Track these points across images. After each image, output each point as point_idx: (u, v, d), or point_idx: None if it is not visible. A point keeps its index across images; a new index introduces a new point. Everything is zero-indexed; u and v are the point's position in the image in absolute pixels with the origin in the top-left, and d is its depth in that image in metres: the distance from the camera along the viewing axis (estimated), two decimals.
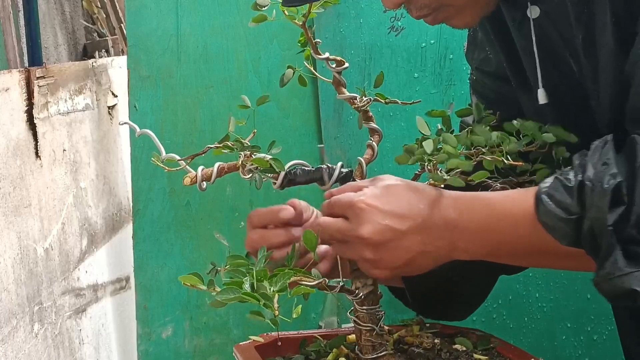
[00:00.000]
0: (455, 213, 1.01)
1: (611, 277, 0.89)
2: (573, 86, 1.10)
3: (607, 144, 0.93)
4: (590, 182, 0.90)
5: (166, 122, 2.27)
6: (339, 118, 2.11)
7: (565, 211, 0.92)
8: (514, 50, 1.17)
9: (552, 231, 0.94)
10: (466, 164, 1.05)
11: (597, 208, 0.89)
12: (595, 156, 0.93)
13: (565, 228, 0.92)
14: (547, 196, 0.94)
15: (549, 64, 1.11)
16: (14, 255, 2.20)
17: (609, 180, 0.89)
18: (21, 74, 2.34)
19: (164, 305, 2.30)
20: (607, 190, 0.89)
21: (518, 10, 1.12)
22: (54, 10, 4.75)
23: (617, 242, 0.89)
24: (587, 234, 0.91)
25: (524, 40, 1.13)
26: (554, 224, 0.93)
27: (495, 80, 1.28)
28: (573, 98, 1.11)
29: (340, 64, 1.11)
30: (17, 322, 2.19)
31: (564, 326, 1.72)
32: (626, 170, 0.90)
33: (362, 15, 1.98)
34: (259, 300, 0.90)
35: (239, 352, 1.22)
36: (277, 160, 1.06)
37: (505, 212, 0.99)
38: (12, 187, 2.22)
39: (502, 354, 1.20)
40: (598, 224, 0.89)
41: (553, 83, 1.12)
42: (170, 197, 2.28)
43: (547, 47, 1.11)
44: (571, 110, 1.12)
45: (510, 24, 1.15)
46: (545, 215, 0.94)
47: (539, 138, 1.09)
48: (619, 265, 0.88)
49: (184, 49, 2.27)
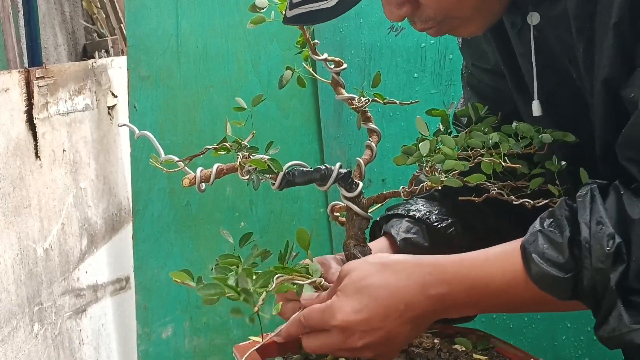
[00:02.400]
0: (441, 288, 1.00)
1: (618, 333, 0.90)
2: (571, 93, 1.09)
3: (595, 198, 0.93)
4: (587, 243, 0.90)
5: (166, 122, 2.27)
6: (339, 118, 2.11)
7: (561, 270, 0.92)
8: (512, 55, 1.16)
9: (548, 289, 0.94)
10: (462, 165, 1.04)
11: (599, 270, 0.89)
12: (586, 214, 0.92)
13: (562, 286, 0.92)
14: (537, 255, 0.93)
15: (548, 69, 1.11)
16: (14, 255, 2.20)
17: (608, 242, 0.89)
18: (21, 74, 2.35)
19: (164, 305, 2.30)
20: (610, 253, 0.89)
21: (518, 16, 1.11)
22: (54, 11, 4.74)
23: (618, 296, 0.89)
24: (587, 291, 0.91)
25: (523, 46, 1.12)
26: (550, 283, 0.93)
27: (492, 77, 1.27)
28: (571, 105, 1.10)
29: (339, 64, 1.11)
30: (17, 322, 2.19)
31: (564, 326, 1.72)
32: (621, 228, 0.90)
33: (362, 15, 1.98)
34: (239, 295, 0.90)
35: (239, 352, 1.22)
36: (275, 161, 1.06)
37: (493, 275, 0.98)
38: (12, 188, 2.22)
39: (502, 354, 1.20)
40: (601, 284, 0.90)
41: (551, 89, 1.12)
42: (170, 197, 2.28)
43: (546, 53, 1.10)
44: (569, 118, 1.12)
45: (510, 29, 1.14)
46: (540, 276, 0.93)
47: (537, 140, 1.09)
48: (625, 321, 0.89)
49: (184, 49, 2.27)
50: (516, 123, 1.12)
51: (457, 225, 1.28)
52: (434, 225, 1.27)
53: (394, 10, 1.05)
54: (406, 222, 1.27)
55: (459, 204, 1.23)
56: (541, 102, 1.12)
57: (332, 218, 1.24)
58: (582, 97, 1.07)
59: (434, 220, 1.27)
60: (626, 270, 0.89)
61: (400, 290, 1.00)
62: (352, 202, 1.15)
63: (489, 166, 1.06)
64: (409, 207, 1.29)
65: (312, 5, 1.01)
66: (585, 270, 0.90)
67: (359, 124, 1.15)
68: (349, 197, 1.14)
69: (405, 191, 1.14)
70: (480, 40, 1.25)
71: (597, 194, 0.93)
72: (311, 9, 1.01)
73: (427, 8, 1.04)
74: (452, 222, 1.28)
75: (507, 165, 1.05)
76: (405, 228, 1.27)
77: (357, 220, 1.16)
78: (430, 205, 1.30)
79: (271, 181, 1.08)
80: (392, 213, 1.30)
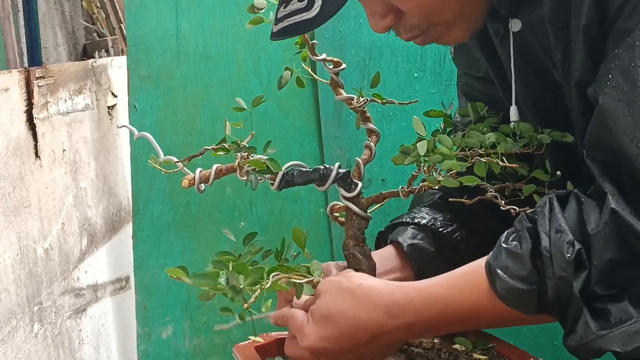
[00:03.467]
0: (410, 316, 1.01)
1: (585, 341, 0.90)
2: (556, 97, 1.10)
3: (553, 208, 0.93)
4: (548, 252, 0.90)
5: (166, 122, 2.26)
6: (339, 118, 2.11)
7: (524, 282, 0.92)
8: (499, 63, 1.17)
9: (515, 305, 0.94)
10: (459, 166, 1.05)
11: (561, 278, 0.90)
12: (545, 223, 0.92)
13: (527, 298, 0.92)
14: (501, 270, 0.94)
15: (532, 74, 1.11)
16: (14, 255, 2.20)
17: (568, 249, 0.89)
18: (21, 74, 2.34)
19: (164, 305, 2.30)
20: (570, 260, 0.89)
21: (500, 24, 1.12)
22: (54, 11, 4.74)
23: (583, 304, 0.89)
24: (552, 301, 0.91)
25: (506, 53, 1.13)
26: (516, 297, 0.93)
27: (484, 84, 1.28)
28: (557, 109, 1.11)
29: (338, 64, 1.12)
30: (17, 322, 2.19)
31: None
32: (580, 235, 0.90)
33: (362, 15, 1.98)
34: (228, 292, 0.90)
35: (239, 352, 1.22)
36: (273, 161, 1.06)
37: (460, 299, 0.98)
38: (11, 187, 2.22)
39: (502, 354, 1.20)
40: (564, 292, 0.90)
41: (537, 94, 1.12)
42: (170, 197, 2.28)
43: (529, 58, 1.11)
44: (556, 121, 1.12)
45: (494, 37, 1.15)
46: (505, 290, 0.94)
47: (535, 140, 1.09)
48: (592, 329, 0.89)
49: (184, 49, 2.26)
50: (514, 123, 1.12)
51: (461, 231, 1.29)
52: (440, 231, 1.28)
53: (378, 22, 1.06)
54: (411, 229, 1.28)
55: (462, 211, 1.23)
56: (528, 106, 1.13)
57: (331, 218, 1.24)
58: (565, 102, 1.08)
59: (439, 226, 1.28)
60: (588, 277, 0.89)
61: (366, 321, 1.01)
62: (351, 202, 1.15)
63: (482, 167, 1.05)
64: (414, 215, 1.30)
65: (295, 18, 1.03)
66: (549, 280, 0.91)
67: (358, 124, 1.15)
68: (348, 197, 1.14)
69: (404, 191, 1.14)
70: (471, 49, 1.26)
71: (555, 203, 0.94)
72: (294, 21, 1.03)
73: (410, 16, 1.05)
74: (457, 227, 1.29)
75: (505, 165, 1.05)
76: (411, 235, 1.28)
77: (356, 220, 1.16)
78: (434, 213, 1.30)
79: (270, 181, 1.08)
80: (397, 222, 1.31)
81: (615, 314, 0.89)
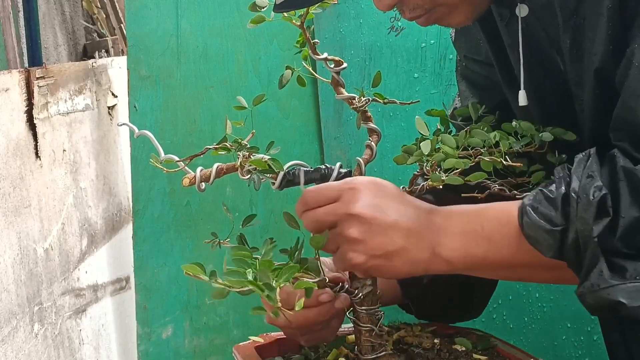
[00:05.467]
0: (441, 218, 1.01)
1: (596, 289, 0.89)
2: (558, 84, 1.10)
3: (591, 157, 0.93)
4: (576, 194, 0.90)
5: (166, 122, 2.27)
6: (339, 118, 2.11)
7: (550, 223, 0.92)
8: (501, 47, 1.17)
9: (536, 243, 0.94)
10: (463, 163, 1.04)
11: (583, 220, 0.89)
12: (580, 169, 0.93)
13: (549, 240, 0.92)
14: (531, 208, 0.94)
15: (535, 61, 1.11)
16: (14, 255, 2.20)
17: (594, 192, 0.89)
18: (21, 74, 2.35)
19: (164, 306, 2.30)
20: (593, 202, 0.89)
21: (506, 8, 1.12)
22: (54, 11, 4.75)
23: (601, 253, 0.88)
24: (571, 245, 0.91)
25: (511, 38, 1.13)
26: (538, 236, 0.93)
27: (485, 67, 1.28)
28: (557, 96, 1.11)
29: (339, 64, 1.11)
30: (17, 322, 2.19)
31: (564, 326, 1.72)
32: (609, 183, 0.90)
33: (362, 15, 1.98)
34: (262, 290, 0.89)
35: (239, 352, 1.22)
36: (275, 161, 1.06)
37: (490, 220, 0.99)
38: (12, 188, 2.22)
39: (502, 354, 1.20)
40: (583, 236, 0.89)
41: (538, 80, 1.12)
42: (170, 197, 2.28)
43: (533, 45, 1.11)
44: (555, 109, 1.12)
45: (499, 21, 1.15)
46: (530, 228, 0.94)
47: (537, 138, 1.09)
48: (605, 277, 0.88)
49: (184, 49, 2.27)
50: (516, 122, 1.12)
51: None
52: None
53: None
54: None
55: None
56: (529, 92, 1.12)
57: None
58: (567, 88, 1.08)
59: None
60: (612, 226, 0.88)
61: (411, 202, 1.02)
62: None
63: (489, 164, 1.06)
64: None
65: None
66: (571, 224, 0.90)
67: (359, 124, 1.14)
68: None
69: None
70: (473, 32, 1.26)
71: (593, 153, 0.94)
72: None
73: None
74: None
75: (507, 163, 1.05)
76: None
77: None
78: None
79: (271, 181, 1.08)
80: None
81: (631, 271, 0.88)
